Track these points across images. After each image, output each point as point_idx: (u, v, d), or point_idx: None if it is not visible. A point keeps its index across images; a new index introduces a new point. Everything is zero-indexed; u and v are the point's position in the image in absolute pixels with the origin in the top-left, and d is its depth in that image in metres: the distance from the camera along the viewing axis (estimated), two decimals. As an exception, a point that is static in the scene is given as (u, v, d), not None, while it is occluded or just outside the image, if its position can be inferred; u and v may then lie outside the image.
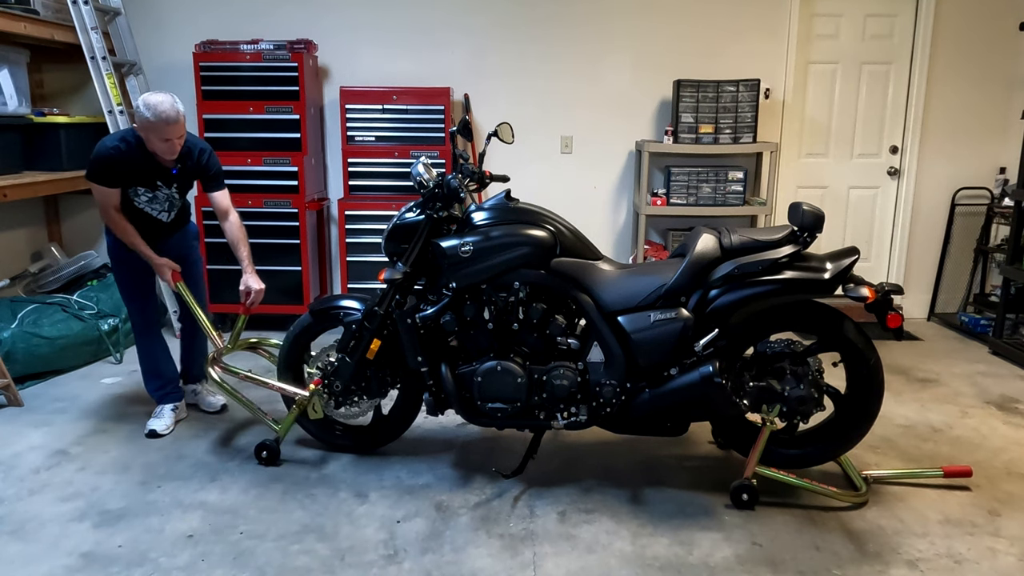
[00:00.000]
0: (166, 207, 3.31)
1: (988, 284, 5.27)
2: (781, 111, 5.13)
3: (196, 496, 2.85)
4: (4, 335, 3.86)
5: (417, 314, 2.91)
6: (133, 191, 3.19)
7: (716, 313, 2.72)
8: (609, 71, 5.10)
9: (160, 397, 3.46)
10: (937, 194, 5.25)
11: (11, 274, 4.75)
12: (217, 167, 3.36)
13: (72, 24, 4.34)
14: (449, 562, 2.45)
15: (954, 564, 2.46)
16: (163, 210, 3.31)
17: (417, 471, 3.05)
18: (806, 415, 2.84)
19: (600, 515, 2.73)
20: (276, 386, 3.14)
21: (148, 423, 3.40)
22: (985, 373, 4.27)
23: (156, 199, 3.25)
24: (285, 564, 2.44)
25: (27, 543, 2.55)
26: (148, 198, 3.23)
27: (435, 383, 2.96)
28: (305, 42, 4.75)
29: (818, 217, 2.70)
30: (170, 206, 3.32)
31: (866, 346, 2.80)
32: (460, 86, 5.09)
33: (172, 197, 3.30)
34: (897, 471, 3.01)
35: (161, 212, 3.31)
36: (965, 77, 5.10)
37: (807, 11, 5.05)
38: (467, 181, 2.97)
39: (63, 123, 4.52)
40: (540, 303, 2.85)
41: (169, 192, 3.28)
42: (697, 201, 4.92)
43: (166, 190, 3.26)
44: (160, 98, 2.99)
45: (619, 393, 2.81)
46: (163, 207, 3.30)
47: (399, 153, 4.81)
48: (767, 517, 2.72)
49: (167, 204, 3.30)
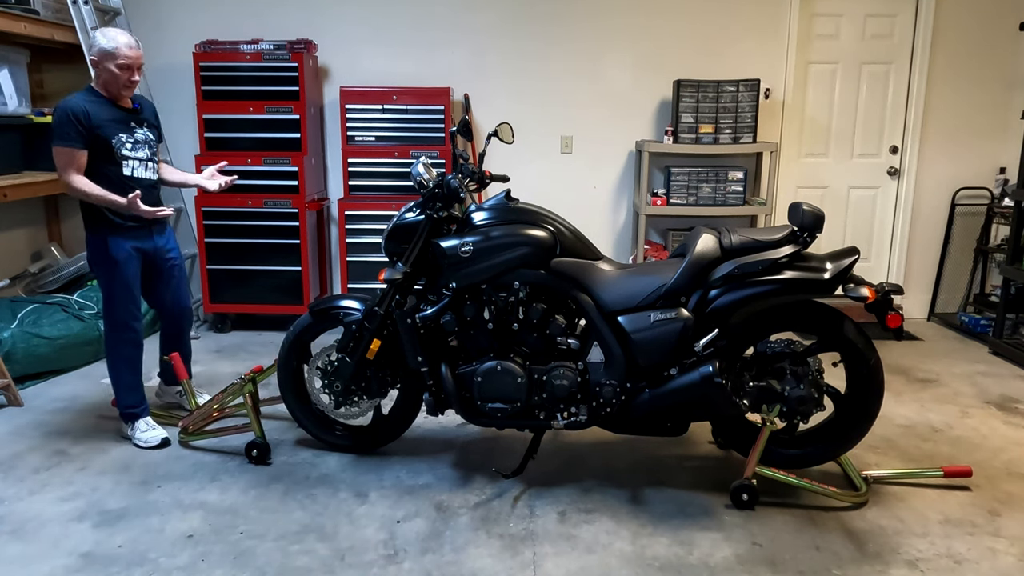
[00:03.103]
0: (148, 153, 3.20)
1: (988, 284, 5.27)
2: (781, 111, 5.13)
3: (196, 496, 2.85)
4: (4, 335, 3.86)
5: (417, 314, 2.91)
6: (117, 140, 3.07)
7: (716, 313, 2.72)
8: (609, 71, 5.10)
9: (141, 412, 3.30)
10: (937, 194, 5.25)
11: (11, 274, 4.74)
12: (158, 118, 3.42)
13: (72, 24, 4.34)
14: (449, 562, 2.45)
15: (954, 564, 2.46)
16: (147, 159, 3.20)
17: (417, 471, 3.05)
18: (806, 415, 2.84)
19: (600, 515, 2.73)
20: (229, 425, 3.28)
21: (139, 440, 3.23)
22: (985, 373, 4.27)
23: (137, 142, 3.15)
24: (285, 564, 2.44)
25: (27, 543, 2.55)
26: (131, 143, 3.13)
27: (435, 383, 2.96)
28: (305, 42, 4.75)
29: (818, 217, 2.70)
30: (151, 152, 3.22)
31: (866, 346, 2.80)
32: (460, 86, 5.09)
33: (149, 138, 3.22)
34: (897, 471, 3.01)
35: (147, 165, 3.20)
36: (965, 77, 5.10)
37: (807, 11, 5.05)
38: (467, 181, 2.97)
39: (63, 123, 4.51)
40: (540, 303, 2.85)
41: (144, 132, 3.20)
42: (697, 201, 4.92)
43: (141, 131, 3.18)
44: (116, 30, 3.07)
45: (619, 393, 2.81)
46: (146, 154, 3.19)
47: (399, 153, 4.81)
48: (767, 517, 2.72)
49: (147, 150, 3.20)
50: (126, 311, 3.21)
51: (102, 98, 3.10)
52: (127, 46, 3.02)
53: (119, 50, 3.01)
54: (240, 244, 4.78)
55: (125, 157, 3.12)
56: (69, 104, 3.01)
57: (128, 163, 3.13)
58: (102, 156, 3.07)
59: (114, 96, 3.12)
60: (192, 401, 3.46)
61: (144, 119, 3.24)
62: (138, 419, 3.28)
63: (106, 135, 3.05)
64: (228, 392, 3.30)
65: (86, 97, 3.08)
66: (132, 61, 3.04)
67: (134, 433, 3.26)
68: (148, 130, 3.24)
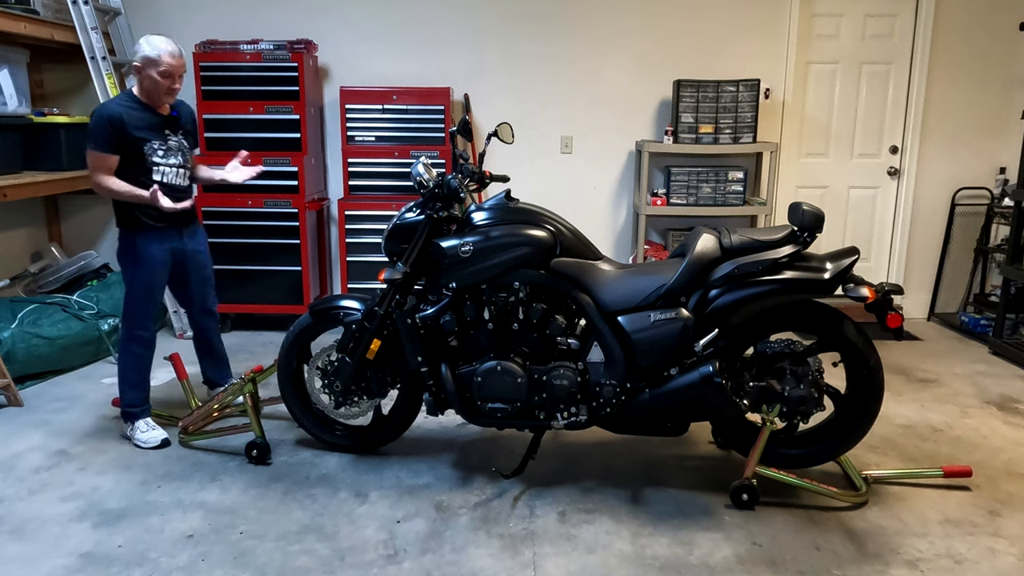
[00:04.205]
0: (180, 160, 3.26)
1: (988, 284, 5.27)
2: (781, 111, 5.13)
3: (196, 496, 2.85)
4: (4, 335, 3.86)
5: (417, 314, 2.91)
6: (149, 147, 3.13)
7: (716, 313, 2.72)
8: (609, 71, 5.10)
9: (141, 412, 3.29)
10: (937, 194, 5.25)
11: (11, 274, 4.75)
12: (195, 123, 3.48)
13: (72, 24, 4.35)
14: (449, 562, 2.45)
15: (954, 564, 2.46)
16: (179, 165, 3.25)
17: (417, 471, 3.05)
18: (806, 415, 2.84)
19: (600, 515, 2.73)
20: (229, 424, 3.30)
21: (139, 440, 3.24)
22: (985, 373, 4.27)
23: (170, 149, 3.21)
24: (285, 564, 2.44)
25: (27, 543, 2.55)
26: (163, 151, 3.18)
27: (435, 383, 2.96)
28: (305, 42, 4.75)
29: (818, 217, 2.70)
30: (183, 159, 3.28)
31: (866, 346, 2.80)
32: (460, 86, 5.09)
33: (183, 146, 3.28)
34: (897, 471, 3.01)
35: (179, 172, 3.25)
36: (965, 77, 5.10)
37: (807, 11, 5.05)
38: (467, 181, 2.97)
39: (63, 123, 4.52)
40: (540, 303, 2.85)
41: (178, 140, 3.26)
42: (697, 201, 4.92)
43: (175, 138, 3.24)
44: (161, 38, 3.10)
45: (619, 393, 2.81)
46: (178, 160, 3.24)
47: (399, 153, 4.81)
48: (767, 517, 2.72)
49: (180, 157, 3.25)
50: (142, 310, 3.24)
51: (140, 104, 3.15)
52: (169, 54, 3.07)
53: (161, 57, 3.05)
54: (240, 244, 4.78)
55: (156, 164, 3.17)
56: (106, 109, 3.08)
57: (159, 169, 3.18)
58: (134, 161, 3.11)
59: (154, 103, 3.17)
60: (192, 401, 3.46)
61: (180, 126, 3.29)
62: (138, 419, 3.28)
63: (138, 141, 3.10)
64: (228, 392, 3.30)
65: (124, 102, 3.13)
66: (174, 69, 3.09)
67: (134, 433, 3.27)
68: (182, 137, 3.30)
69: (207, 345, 3.58)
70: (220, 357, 3.61)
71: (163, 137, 3.19)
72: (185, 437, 3.26)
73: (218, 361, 3.60)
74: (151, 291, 3.24)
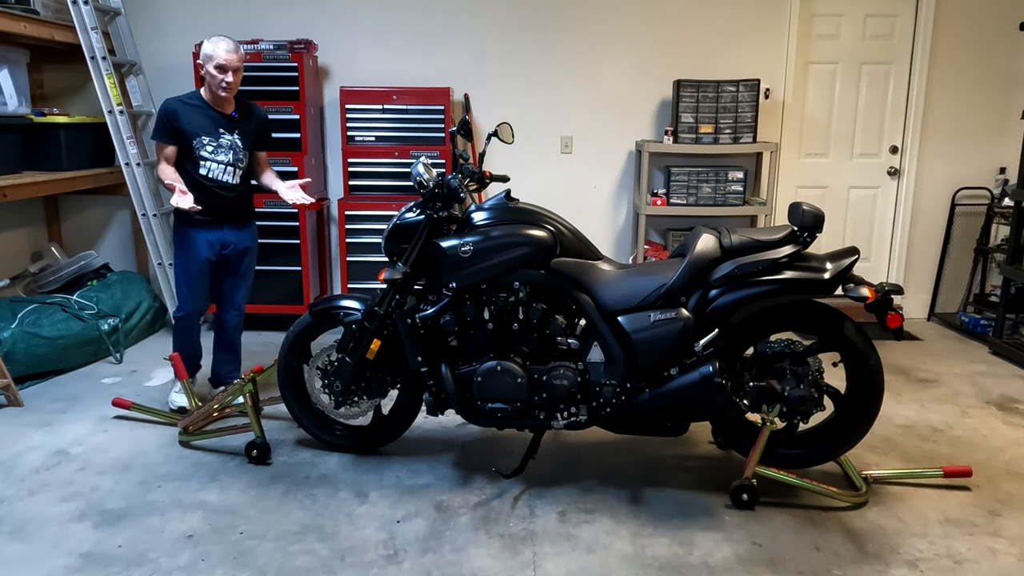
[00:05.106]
0: (230, 158, 3.39)
1: (988, 284, 5.27)
2: (781, 111, 5.13)
3: (196, 496, 2.85)
4: (4, 335, 3.86)
5: (417, 314, 2.91)
6: (198, 142, 3.33)
7: (716, 313, 2.72)
8: (609, 71, 5.10)
9: (189, 370, 3.59)
10: (937, 194, 5.25)
11: (11, 274, 4.75)
12: (270, 129, 3.66)
13: (72, 24, 4.34)
14: (449, 562, 2.45)
15: (954, 564, 2.46)
16: (229, 163, 3.39)
17: (417, 471, 3.05)
18: (806, 415, 2.84)
19: (600, 515, 2.73)
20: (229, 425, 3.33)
21: (170, 400, 3.58)
22: (985, 373, 4.27)
23: (220, 147, 3.37)
24: (285, 564, 2.44)
25: (27, 543, 2.55)
26: (213, 147, 3.36)
27: (435, 383, 2.96)
28: (305, 42, 4.75)
29: (818, 217, 2.70)
30: (235, 158, 3.41)
31: (866, 346, 2.80)
32: (460, 86, 5.09)
33: (236, 145, 3.41)
34: (897, 471, 3.01)
35: (227, 169, 3.39)
36: (965, 77, 5.11)
37: (807, 11, 5.05)
38: (467, 181, 2.97)
39: (63, 123, 4.52)
40: (540, 303, 2.85)
41: (232, 139, 3.39)
42: (697, 201, 4.92)
43: (228, 136, 3.38)
44: (223, 38, 3.32)
45: (619, 393, 2.81)
46: (227, 158, 3.39)
47: (399, 153, 4.81)
48: (767, 517, 2.72)
49: (231, 155, 3.39)
50: (182, 295, 3.52)
51: (202, 101, 3.38)
52: (225, 50, 3.27)
53: (216, 52, 3.26)
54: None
55: (203, 158, 3.37)
56: (167, 102, 3.36)
57: (205, 164, 3.37)
58: (185, 154, 3.36)
59: (215, 100, 3.36)
60: (192, 400, 3.46)
61: (237, 126, 3.41)
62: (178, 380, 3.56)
63: (189, 135, 3.33)
64: (228, 392, 3.30)
65: (186, 98, 3.38)
66: (227, 63, 3.27)
67: (173, 387, 3.64)
68: (239, 137, 3.42)
69: (226, 339, 3.69)
70: (235, 354, 3.72)
71: (216, 134, 3.38)
72: (185, 437, 3.26)
73: (232, 356, 3.71)
74: (190, 277, 3.47)
